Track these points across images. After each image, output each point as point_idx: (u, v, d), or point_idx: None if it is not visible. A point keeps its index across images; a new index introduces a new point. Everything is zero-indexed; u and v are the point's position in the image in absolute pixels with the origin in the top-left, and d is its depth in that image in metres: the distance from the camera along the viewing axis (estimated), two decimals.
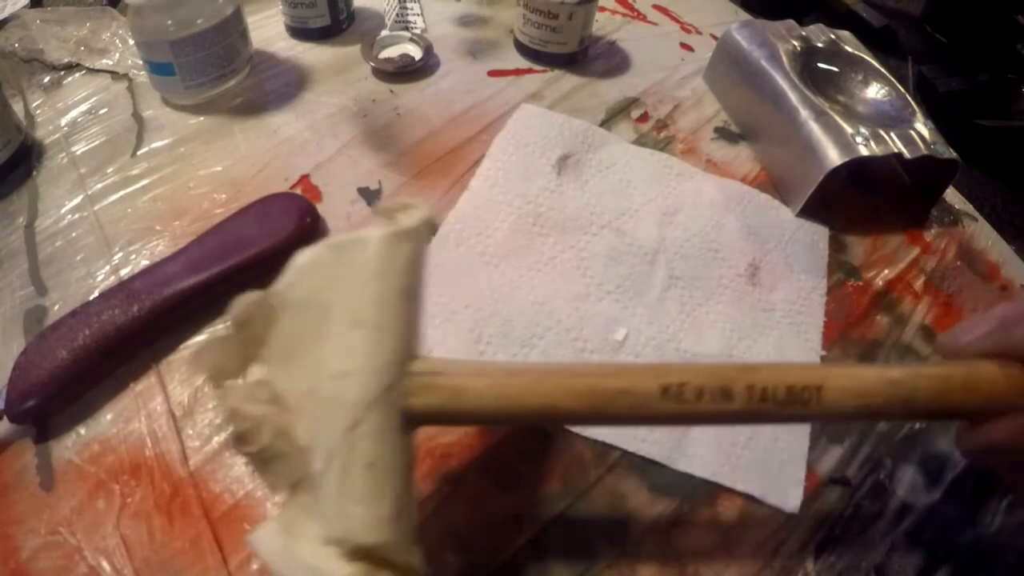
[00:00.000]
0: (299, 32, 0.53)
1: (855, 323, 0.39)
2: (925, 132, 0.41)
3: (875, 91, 0.46)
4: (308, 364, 0.21)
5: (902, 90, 0.45)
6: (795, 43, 0.47)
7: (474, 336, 0.35)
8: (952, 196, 0.47)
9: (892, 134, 0.40)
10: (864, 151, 0.39)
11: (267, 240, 0.36)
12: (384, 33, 0.52)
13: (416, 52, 0.51)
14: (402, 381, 0.21)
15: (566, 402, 0.22)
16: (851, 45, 0.48)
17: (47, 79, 0.49)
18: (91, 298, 0.33)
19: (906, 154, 0.40)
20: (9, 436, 0.31)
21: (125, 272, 0.37)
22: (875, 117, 0.44)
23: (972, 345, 0.24)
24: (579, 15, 0.48)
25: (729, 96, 0.50)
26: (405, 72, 0.50)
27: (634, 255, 0.39)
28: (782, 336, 0.37)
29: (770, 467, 0.32)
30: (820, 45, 0.48)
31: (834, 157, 0.39)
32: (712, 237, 0.41)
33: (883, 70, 0.46)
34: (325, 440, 0.20)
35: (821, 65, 0.47)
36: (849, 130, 0.40)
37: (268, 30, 0.53)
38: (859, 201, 0.45)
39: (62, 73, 0.50)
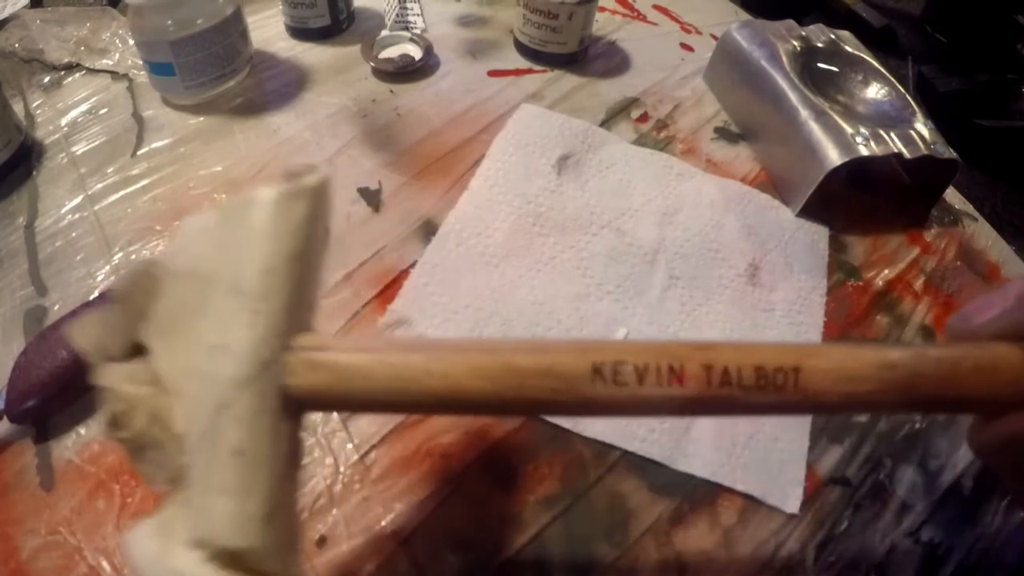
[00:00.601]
0: (299, 32, 0.53)
1: (855, 323, 0.39)
2: (925, 132, 0.41)
3: (875, 91, 0.46)
4: (189, 340, 0.19)
5: (902, 90, 0.45)
6: (795, 43, 0.47)
7: (474, 336, 0.35)
8: (952, 196, 0.47)
9: (892, 134, 0.40)
10: (864, 151, 0.39)
11: None
12: (384, 33, 0.52)
13: (416, 52, 0.51)
14: (282, 358, 0.18)
15: (474, 384, 0.18)
16: (851, 45, 0.48)
17: (47, 79, 0.49)
18: (91, 298, 0.33)
19: (906, 154, 0.40)
20: (9, 436, 0.31)
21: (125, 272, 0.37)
22: (875, 117, 0.43)
23: (986, 327, 0.21)
24: (579, 15, 0.48)
25: (729, 96, 0.50)
26: (405, 72, 0.50)
27: (634, 255, 0.39)
28: (782, 336, 0.37)
29: (770, 467, 0.32)
30: (820, 45, 0.48)
31: (834, 157, 0.39)
32: (712, 237, 0.41)
33: (883, 70, 0.46)
34: (196, 424, 0.18)
35: (821, 65, 0.47)
36: (849, 130, 0.40)
37: (268, 30, 0.53)
38: (859, 201, 0.45)
39: (62, 73, 0.50)
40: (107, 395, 0.19)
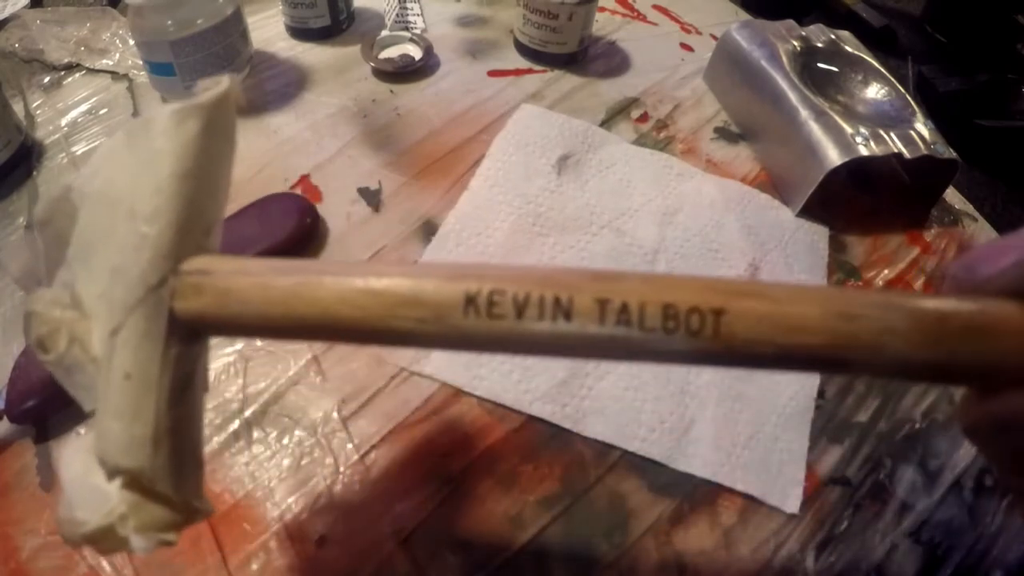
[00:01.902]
0: (299, 32, 0.53)
1: None
2: (925, 132, 0.41)
3: (875, 91, 0.46)
4: (101, 264, 0.19)
5: (902, 90, 0.45)
6: (795, 43, 0.47)
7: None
8: (952, 196, 0.47)
9: (892, 134, 0.40)
10: (864, 151, 0.39)
11: (267, 240, 0.36)
12: (384, 33, 0.52)
13: (416, 52, 0.51)
14: (171, 281, 0.18)
15: (342, 311, 0.17)
16: (851, 45, 0.48)
17: (47, 79, 0.49)
18: None
19: (906, 154, 0.40)
20: (9, 436, 0.31)
21: None
22: (875, 117, 0.44)
23: (996, 280, 0.16)
24: (579, 15, 0.48)
25: (729, 96, 0.50)
26: (405, 72, 0.50)
27: (634, 255, 0.39)
28: None
29: (770, 467, 0.32)
30: (820, 45, 0.48)
31: (834, 157, 0.39)
32: (712, 237, 0.41)
33: (883, 70, 0.46)
34: (100, 347, 0.18)
35: (821, 65, 0.47)
36: (849, 130, 0.40)
37: (268, 30, 0.53)
38: (859, 201, 0.45)
39: (62, 73, 0.50)
40: (33, 318, 0.19)
